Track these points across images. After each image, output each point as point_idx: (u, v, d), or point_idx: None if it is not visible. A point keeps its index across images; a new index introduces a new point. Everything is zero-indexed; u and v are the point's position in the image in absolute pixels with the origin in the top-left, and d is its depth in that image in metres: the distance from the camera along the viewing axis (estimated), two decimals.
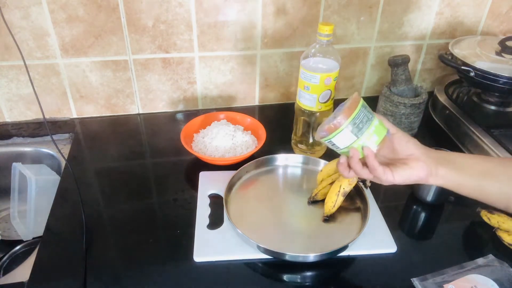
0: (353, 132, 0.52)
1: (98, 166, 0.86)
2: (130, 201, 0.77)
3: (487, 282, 0.60)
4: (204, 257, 0.64)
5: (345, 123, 0.52)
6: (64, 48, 0.90)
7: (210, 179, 0.80)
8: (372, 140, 0.53)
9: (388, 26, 1.02)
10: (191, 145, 0.86)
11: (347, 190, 0.70)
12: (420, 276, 0.62)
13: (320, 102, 0.78)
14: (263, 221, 0.71)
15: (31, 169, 0.86)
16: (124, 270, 0.63)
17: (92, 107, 1.00)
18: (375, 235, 0.68)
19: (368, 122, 0.53)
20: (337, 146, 0.54)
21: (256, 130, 0.90)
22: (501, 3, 1.04)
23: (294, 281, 0.63)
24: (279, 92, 1.08)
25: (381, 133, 0.54)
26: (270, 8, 0.93)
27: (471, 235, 0.71)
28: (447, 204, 0.77)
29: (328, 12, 0.96)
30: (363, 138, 0.53)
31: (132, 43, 0.92)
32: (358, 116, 0.52)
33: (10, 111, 0.97)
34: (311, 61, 0.76)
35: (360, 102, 0.53)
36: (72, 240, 0.67)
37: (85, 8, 0.86)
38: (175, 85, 1.00)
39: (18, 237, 0.88)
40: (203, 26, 0.93)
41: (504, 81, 0.85)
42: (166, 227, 0.72)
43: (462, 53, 0.92)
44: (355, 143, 0.53)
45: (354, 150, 0.54)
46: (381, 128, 0.54)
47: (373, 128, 0.53)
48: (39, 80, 0.93)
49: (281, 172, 0.83)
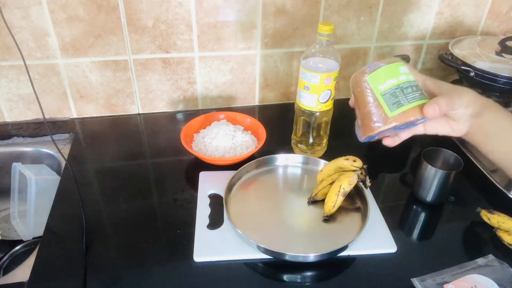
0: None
1: (98, 166, 0.86)
2: (130, 201, 0.77)
3: (487, 282, 0.60)
4: (204, 257, 0.64)
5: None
6: (64, 48, 0.90)
7: (210, 179, 0.80)
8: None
9: (388, 26, 1.02)
10: (191, 145, 0.86)
11: (347, 190, 0.70)
12: (420, 276, 0.61)
13: (320, 102, 0.78)
14: (263, 221, 0.71)
15: (31, 169, 0.86)
16: (124, 270, 0.63)
17: (92, 107, 1.00)
18: (375, 235, 0.68)
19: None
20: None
21: (256, 130, 0.90)
22: (501, 3, 1.04)
23: (294, 281, 0.63)
24: (279, 92, 1.08)
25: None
26: (270, 8, 0.93)
27: (471, 235, 0.71)
28: (447, 204, 0.77)
29: (328, 12, 0.96)
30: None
31: (132, 43, 0.92)
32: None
33: (10, 111, 0.97)
34: (311, 61, 0.76)
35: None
36: (72, 240, 0.67)
37: (85, 8, 0.86)
38: (175, 85, 1.00)
39: (18, 237, 0.88)
40: (203, 26, 0.93)
41: (504, 81, 0.85)
42: (166, 227, 0.71)
43: (462, 53, 0.92)
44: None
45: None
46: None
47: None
48: (39, 80, 0.93)
49: (281, 172, 0.83)
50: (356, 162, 0.73)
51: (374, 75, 0.53)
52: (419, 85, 0.54)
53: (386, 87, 0.53)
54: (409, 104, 0.52)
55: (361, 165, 0.73)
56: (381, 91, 0.53)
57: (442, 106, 0.52)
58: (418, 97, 0.53)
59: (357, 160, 0.73)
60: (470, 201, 0.78)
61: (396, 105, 0.53)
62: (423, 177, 0.74)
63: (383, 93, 0.53)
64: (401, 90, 0.53)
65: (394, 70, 0.53)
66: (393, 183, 0.84)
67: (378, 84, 0.53)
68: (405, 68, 0.54)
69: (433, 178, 0.72)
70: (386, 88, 0.53)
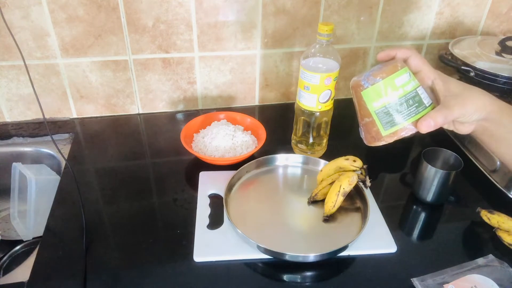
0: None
1: (98, 166, 0.86)
2: (130, 201, 0.77)
3: (487, 282, 0.60)
4: (204, 257, 0.64)
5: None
6: (64, 48, 0.90)
7: (210, 179, 0.80)
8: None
9: (388, 26, 1.02)
10: (191, 145, 0.86)
11: (347, 190, 0.70)
12: (420, 276, 0.61)
13: (320, 102, 0.78)
14: (263, 221, 0.71)
15: (31, 169, 0.86)
16: (124, 270, 0.63)
17: (92, 107, 1.00)
18: (375, 235, 0.68)
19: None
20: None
21: (256, 130, 0.90)
22: (501, 3, 1.04)
23: (294, 281, 0.63)
24: (279, 92, 1.08)
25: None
26: (270, 8, 0.93)
27: (471, 235, 0.71)
28: (447, 204, 0.77)
29: (328, 12, 0.96)
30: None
31: (132, 43, 0.92)
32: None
33: (10, 111, 0.97)
34: (311, 61, 0.76)
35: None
36: (72, 240, 0.67)
37: (85, 8, 0.86)
38: (175, 85, 1.00)
39: (18, 237, 0.88)
40: (203, 26, 0.93)
41: (504, 81, 0.85)
42: (166, 227, 0.71)
43: (462, 53, 0.92)
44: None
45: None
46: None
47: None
48: (39, 80, 0.93)
49: (281, 172, 0.83)
50: (356, 162, 0.73)
51: (368, 91, 0.53)
52: (420, 92, 0.53)
53: (379, 105, 0.53)
54: (403, 122, 0.53)
55: (361, 165, 0.73)
56: (375, 108, 0.53)
57: (437, 121, 0.51)
58: (414, 112, 0.52)
59: (357, 160, 0.73)
60: (470, 201, 0.78)
61: (390, 124, 0.53)
62: (423, 177, 0.74)
63: (376, 111, 0.53)
64: (396, 108, 0.52)
65: (390, 85, 0.52)
66: (393, 183, 0.84)
67: (373, 102, 0.53)
68: (405, 76, 0.52)
69: (433, 178, 0.72)
70: (380, 107, 0.53)
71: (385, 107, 0.53)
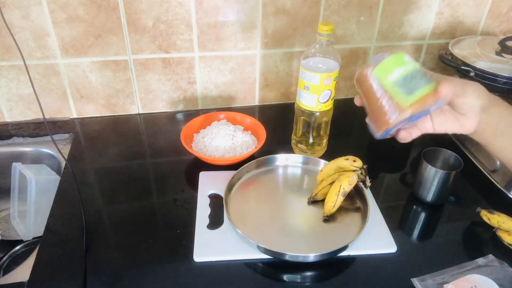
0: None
1: (98, 166, 0.86)
2: (130, 201, 0.77)
3: (487, 282, 0.60)
4: (204, 257, 0.64)
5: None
6: (64, 48, 0.90)
7: (210, 179, 0.80)
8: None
9: (388, 26, 1.02)
10: (191, 145, 0.86)
11: (347, 190, 0.70)
12: (420, 276, 0.61)
13: (320, 102, 0.78)
14: (263, 221, 0.71)
15: (31, 169, 0.86)
16: (124, 270, 0.63)
17: (92, 107, 1.00)
18: (375, 235, 0.68)
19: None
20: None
21: (256, 130, 0.90)
22: (501, 3, 1.04)
23: (294, 281, 0.63)
24: (279, 92, 1.08)
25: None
26: (270, 8, 0.93)
27: (471, 235, 0.71)
28: (447, 204, 0.77)
29: (328, 12, 0.96)
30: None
31: (132, 43, 0.92)
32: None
33: (10, 111, 0.97)
34: (311, 61, 0.76)
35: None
36: (72, 240, 0.67)
37: (85, 8, 0.86)
38: (175, 85, 1.00)
39: (18, 237, 0.88)
40: (203, 26, 0.93)
41: (504, 81, 0.85)
42: (166, 227, 0.71)
43: (462, 53, 0.92)
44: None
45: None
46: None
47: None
48: (39, 80, 0.93)
49: (281, 172, 0.83)
50: (356, 162, 0.73)
51: (380, 67, 0.52)
52: (425, 72, 0.53)
53: (396, 76, 0.51)
54: (423, 89, 0.51)
55: (361, 165, 0.73)
56: (392, 81, 0.51)
57: (456, 86, 0.51)
58: (429, 82, 0.51)
59: (357, 160, 0.73)
60: (470, 201, 0.78)
61: (410, 92, 0.51)
62: (423, 177, 0.74)
63: (394, 82, 0.51)
64: (411, 77, 0.51)
65: (400, 59, 0.52)
66: (393, 183, 0.84)
67: (387, 75, 0.52)
68: (409, 57, 0.53)
69: (433, 178, 0.72)
70: (397, 77, 0.51)
71: (402, 77, 0.51)
